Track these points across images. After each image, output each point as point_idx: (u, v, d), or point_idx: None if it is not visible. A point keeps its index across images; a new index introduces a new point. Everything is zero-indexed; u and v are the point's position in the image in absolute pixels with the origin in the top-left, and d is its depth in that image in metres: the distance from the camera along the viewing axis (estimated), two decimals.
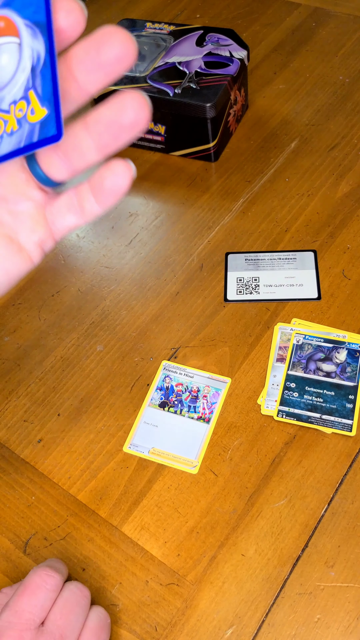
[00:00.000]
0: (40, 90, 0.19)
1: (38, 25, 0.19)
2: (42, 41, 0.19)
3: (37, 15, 0.19)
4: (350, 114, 0.57)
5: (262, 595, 0.32)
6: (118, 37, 0.19)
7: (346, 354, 0.40)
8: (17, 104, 0.20)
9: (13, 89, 0.20)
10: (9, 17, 0.20)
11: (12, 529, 0.36)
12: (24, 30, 0.19)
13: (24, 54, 0.20)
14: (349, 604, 0.32)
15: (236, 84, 0.54)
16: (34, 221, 0.23)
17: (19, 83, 0.20)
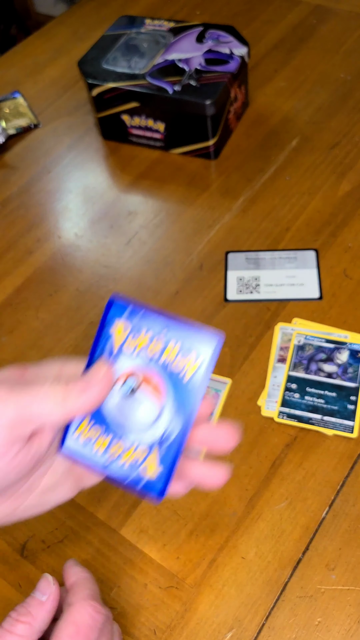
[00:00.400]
0: (161, 454, 0.23)
1: (184, 412, 0.23)
2: (180, 424, 0.23)
3: (185, 404, 0.23)
4: (352, 111, 0.57)
5: (263, 598, 0.32)
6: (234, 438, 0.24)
7: (348, 354, 0.40)
8: (139, 448, 0.23)
9: (141, 434, 0.24)
10: (163, 384, 0.23)
11: (10, 532, 0.36)
12: (169, 404, 0.23)
13: (161, 419, 0.23)
14: (350, 607, 0.31)
15: (236, 82, 0.53)
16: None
17: (148, 435, 0.23)
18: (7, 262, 0.50)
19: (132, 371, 0.24)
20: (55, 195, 0.54)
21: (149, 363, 0.23)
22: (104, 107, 0.55)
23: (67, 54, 0.69)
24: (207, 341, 0.23)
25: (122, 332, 0.24)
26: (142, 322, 0.23)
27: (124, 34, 0.57)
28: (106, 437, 0.24)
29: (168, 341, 0.23)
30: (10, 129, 0.60)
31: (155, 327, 0.23)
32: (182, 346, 0.23)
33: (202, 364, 0.23)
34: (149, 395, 0.23)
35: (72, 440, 0.24)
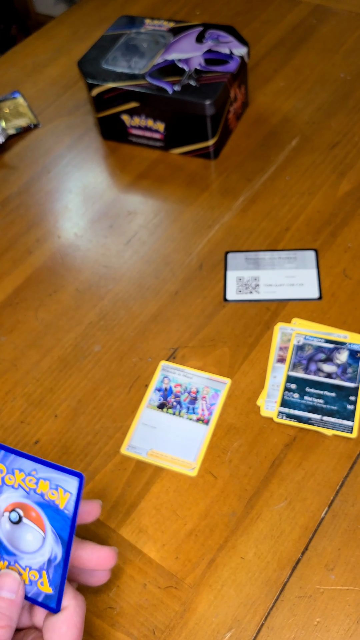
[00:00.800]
0: (51, 576, 0.27)
1: (61, 538, 0.27)
2: (61, 549, 0.27)
3: (62, 532, 0.27)
4: (352, 111, 0.57)
5: (262, 598, 0.32)
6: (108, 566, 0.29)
7: (347, 354, 0.40)
8: (32, 570, 0.28)
9: (31, 559, 0.28)
10: (40, 515, 0.28)
11: None
12: (49, 532, 0.27)
13: (45, 546, 0.28)
14: (349, 607, 0.31)
15: (236, 82, 0.53)
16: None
17: (37, 560, 0.28)
18: (7, 261, 0.50)
19: (16, 502, 0.28)
20: (54, 195, 0.54)
21: (28, 496, 0.28)
22: (103, 107, 0.55)
23: (67, 54, 0.69)
24: (70, 480, 0.27)
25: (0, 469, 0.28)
26: (14, 463, 0.28)
27: (123, 34, 0.57)
28: (2, 562, 0.28)
29: (38, 480, 0.28)
30: (10, 129, 0.60)
31: (25, 467, 0.28)
32: (50, 484, 0.27)
33: (70, 497, 0.27)
34: (32, 525, 0.28)
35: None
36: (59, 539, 0.27)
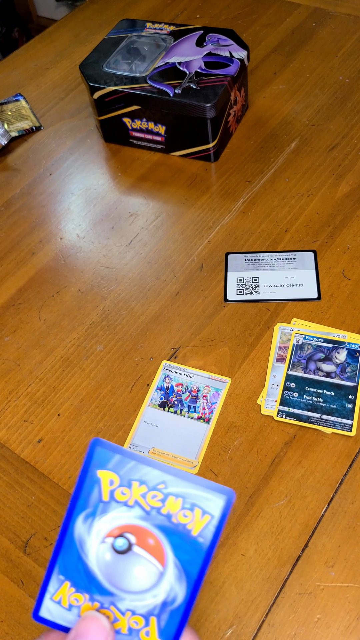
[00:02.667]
0: (162, 624, 0.20)
1: (188, 575, 0.20)
2: (184, 589, 0.20)
3: (191, 566, 0.20)
4: (350, 114, 0.57)
5: (262, 595, 0.32)
6: None
7: (346, 354, 0.40)
8: (135, 615, 0.20)
9: (136, 601, 0.20)
10: (161, 543, 0.20)
11: (12, 529, 0.36)
12: (171, 566, 0.20)
13: (162, 585, 0.20)
14: (349, 604, 0.32)
15: (236, 84, 0.54)
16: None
17: (145, 602, 0.20)
18: (10, 263, 0.50)
19: (127, 525, 0.20)
20: (57, 197, 0.55)
21: (147, 517, 0.20)
22: (105, 110, 0.55)
23: (68, 57, 0.70)
24: (214, 499, 0.20)
25: (110, 480, 0.21)
26: (132, 473, 0.21)
27: (125, 37, 0.58)
28: (92, 605, 0.21)
29: (167, 497, 0.20)
30: (12, 132, 0.61)
31: (149, 478, 0.20)
32: (183, 503, 0.20)
33: (209, 522, 0.20)
34: (146, 556, 0.20)
35: (50, 605, 0.21)
36: (183, 575, 0.20)
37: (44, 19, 1.63)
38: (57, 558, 0.21)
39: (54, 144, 0.60)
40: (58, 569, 0.21)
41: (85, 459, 0.21)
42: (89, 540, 0.21)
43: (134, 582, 0.20)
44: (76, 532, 0.21)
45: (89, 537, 0.21)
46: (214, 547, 0.20)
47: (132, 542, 0.20)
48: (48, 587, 0.21)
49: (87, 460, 0.21)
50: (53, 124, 0.62)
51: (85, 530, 0.21)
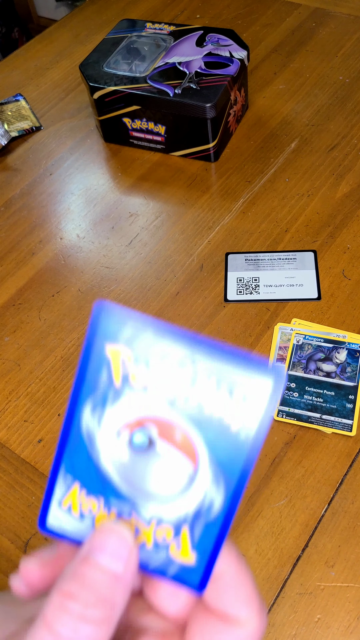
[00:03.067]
0: (196, 536, 0.16)
1: (227, 477, 0.16)
2: (222, 495, 0.16)
3: (231, 467, 0.15)
4: (350, 114, 0.57)
5: (262, 595, 0.32)
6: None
7: (346, 354, 0.40)
8: (162, 525, 0.16)
9: (163, 507, 0.16)
10: (191, 438, 0.16)
11: (13, 529, 0.36)
12: (205, 465, 0.16)
13: (194, 488, 0.16)
14: (350, 603, 0.32)
15: (236, 84, 0.54)
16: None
17: (174, 509, 0.16)
18: (10, 263, 0.50)
19: (147, 416, 0.16)
20: (57, 197, 0.55)
21: (172, 404, 0.15)
22: (105, 110, 0.55)
23: (68, 57, 0.70)
24: (258, 383, 0.15)
25: (122, 359, 0.16)
26: (150, 346, 0.15)
27: (125, 37, 0.58)
28: (109, 514, 0.17)
29: (196, 376, 0.15)
30: (12, 132, 0.61)
31: (173, 354, 0.15)
32: (219, 383, 0.15)
33: (255, 409, 0.15)
34: (172, 453, 0.16)
35: (58, 513, 0.17)
36: (221, 478, 0.16)
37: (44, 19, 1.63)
38: (63, 455, 0.16)
39: (54, 144, 0.60)
40: (64, 468, 0.17)
41: (89, 330, 0.16)
42: (99, 434, 0.16)
43: (159, 484, 0.16)
44: (83, 425, 0.16)
45: (99, 429, 0.16)
46: (260, 443, 0.15)
47: (154, 437, 0.16)
48: (54, 490, 0.17)
49: (90, 333, 0.16)
50: (53, 124, 0.62)
51: (95, 422, 0.16)
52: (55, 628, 0.14)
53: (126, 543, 0.15)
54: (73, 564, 0.15)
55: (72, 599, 0.14)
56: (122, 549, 0.15)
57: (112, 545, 0.15)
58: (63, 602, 0.14)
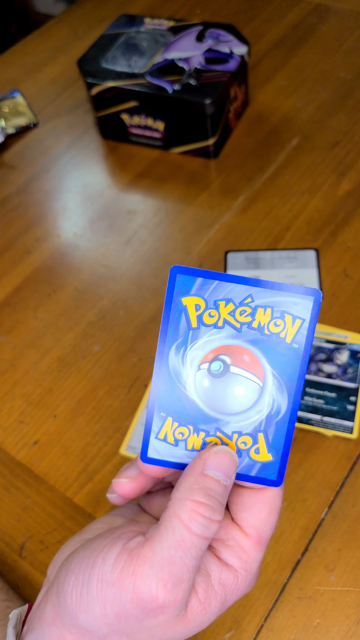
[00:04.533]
0: (270, 438, 0.20)
1: (287, 384, 0.20)
2: (286, 398, 0.20)
3: (289, 374, 0.20)
4: (352, 110, 0.56)
5: (261, 599, 0.32)
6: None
7: (347, 354, 0.39)
8: (242, 436, 0.20)
9: (241, 421, 0.20)
10: (257, 357, 0.20)
11: (8, 532, 0.35)
12: (270, 379, 0.20)
13: (264, 399, 0.20)
14: (349, 608, 0.31)
15: (236, 81, 0.53)
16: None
17: (250, 420, 0.20)
18: (6, 261, 0.50)
19: (219, 347, 0.20)
20: (54, 194, 0.54)
21: (239, 334, 0.20)
22: (103, 106, 0.55)
23: (66, 52, 0.69)
24: (302, 302, 0.20)
25: (196, 305, 0.20)
26: (217, 293, 0.20)
27: (123, 32, 0.57)
28: (198, 436, 0.21)
29: (255, 309, 0.20)
30: (9, 128, 0.60)
31: (235, 295, 0.20)
32: (273, 312, 0.20)
33: (301, 326, 0.20)
34: (244, 374, 0.20)
35: (156, 444, 0.21)
36: (283, 385, 0.20)
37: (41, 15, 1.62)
38: (156, 396, 0.21)
39: (51, 140, 0.59)
40: (158, 407, 0.21)
41: (168, 288, 0.20)
42: (184, 370, 0.20)
43: (236, 402, 0.20)
44: (171, 366, 0.20)
45: (183, 367, 0.20)
46: (309, 350, 0.20)
47: (228, 363, 0.20)
48: (152, 426, 0.21)
49: (169, 290, 0.20)
50: (50, 121, 0.61)
51: (179, 361, 0.20)
52: (191, 527, 0.19)
53: (235, 463, 0.20)
54: (197, 479, 0.20)
55: (202, 506, 0.19)
56: (231, 468, 0.20)
57: (226, 465, 0.20)
58: (196, 508, 0.19)
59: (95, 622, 0.20)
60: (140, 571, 0.19)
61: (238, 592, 0.21)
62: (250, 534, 0.21)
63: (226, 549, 0.21)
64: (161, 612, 0.19)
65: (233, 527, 0.21)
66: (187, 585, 0.19)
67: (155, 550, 0.19)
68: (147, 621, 0.19)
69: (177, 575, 0.19)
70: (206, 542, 0.19)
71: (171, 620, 0.20)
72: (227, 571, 0.21)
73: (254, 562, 0.21)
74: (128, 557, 0.19)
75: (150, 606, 0.19)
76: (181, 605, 0.19)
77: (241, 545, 0.21)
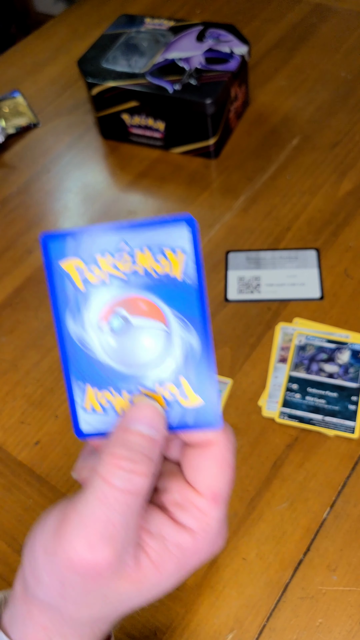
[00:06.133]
0: (194, 379, 0.20)
1: (191, 320, 0.19)
2: (195, 335, 0.19)
3: (191, 311, 0.19)
4: (353, 110, 0.56)
5: (264, 599, 0.32)
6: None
7: (349, 354, 0.39)
8: (165, 385, 0.20)
9: (159, 371, 0.20)
10: (154, 303, 0.19)
11: (10, 532, 0.35)
12: (173, 321, 0.19)
13: (174, 342, 0.19)
14: (352, 608, 0.31)
15: (237, 80, 0.53)
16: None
17: (167, 367, 0.20)
18: (7, 261, 0.50)
19: (113, 302, 0.19)
20: (54, 194, 0.54)
21: (127, 284, 0.19)
22: (103, 106, 0.54)
23: (66, 53, 0.69)
24: (176, 231, 0.19)
25: (77, 267, 0.19)
26: (91, 248, 0.19)
27: (123, 33, 0.57)
28: (123, 398, 0.20)
29: (134, 254, 0.19)
30: (9, 128, 0.60)
31: (109, 245, 0.19)
32: (152, 251, 0.19)
33: (186, 258, 0.19)
34: (146, 323, 0.19)
35: (86, 417, 0.20)
36: (188, 323, 0.19)
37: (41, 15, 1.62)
38: (69, 368, 0.20)
39: (51, 141, 0.59)
40: (74, 377, 0.20)
41: (44, 258, 0.20)
42: (86, 335, 0.20)
43: (147, 353, 0.20)
44: (72, 334, 0.20)
45: (85, 332, 0.20)
46: (202, 282, 0.19)
47: (127, 317, 0.19)
48: (75, 399, 0.20)
49: (46, 259, 0.20)
50: (51, 121, 0.61)
51: (79, 327, 0.20)
52: (111, 481, 0.18)
53: (158, 413, 0.19)
54: (117, 435, 0.19)
55: (122, 458, 0.18)
56: (155, 418, 0.19)
57: (147, 417, 0.19)
58: (115, 461, 0.18)
59: (48, 593, 0.19)
60: (65, 533, 0.18)
61: (200, 553, 0.20)
62: (205, 493, 0.20)
63: (182, 511, 0.20)
64: (96, 574, 0.18)
65: (187, 489, 0.20)
66: (118, 543, 0.18)
67: (77, 510, 0.18)
68: (90, 586, 0.19)
69: (103, 533, 0.18)
70: (133, 497, 0.18)
71: (115, 582, 0.19)
72: (183, 533, 0.19)
73: (213, 521, 0.20)
74: (58, 522, 0.19)
75: (82, 569, 0.18)
76: (116, 565, 0.18)
77: (197, 505, 0.20)
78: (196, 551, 0.20)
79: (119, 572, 0.19)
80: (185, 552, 0.20)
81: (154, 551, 0.19)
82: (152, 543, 0.19)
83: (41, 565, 0.19)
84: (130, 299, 0.19)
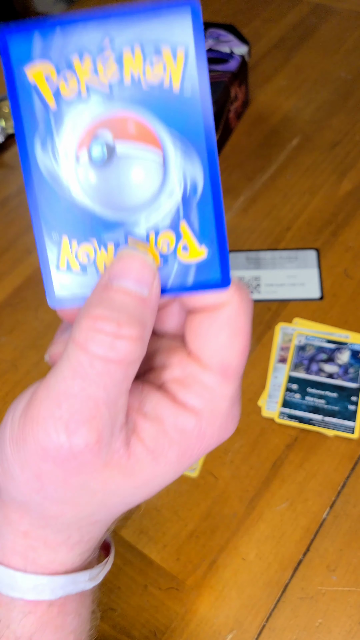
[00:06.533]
0: (196, 225, 0.15)
1: (195, 145, 0.15)
2: (199, 166, 0.15)
3: (194, 133, 0.14)
4: (353, 110, 0.56)
5: (263, 599, 0.32)
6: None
7: (349, 354, 0.39)
8: (161, 234, 0.15)
9: (153, 214, 0.15)
10: (144, 123, 0.14)
11: None
12: (169, 144, 0.15)
13: (171, 175, 0.15)
14: (351, 608, 0.31)
15: (236, 80, 0.53)
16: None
17: (164, 210, 0.15)
18: (7, 261, 0.50)
19: (93, 124, 0.14)
20: None
21: (111, 98, 0.14)
22: None
23: None
24: (176, 20, 0.14)
25: (46, 76, 0.14)
26: (66, 48, 0.14)
27: None
28: (107, 252, 0.15)
29: (120, 56, 0.14)
30: (9, 128, 0.60)
31: (90, 44, 0.14)
32: (144, 51, 0.14)
33: (187, 55, 0.14)
34: (135, 149, 0.15)
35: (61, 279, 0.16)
36: (190, 148, 0.15)
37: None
38: (39, 215, 0.15)
39: None
40: (46, 228, 0.15)
41: (3, 64, 0.14)
42: (60, 169, 0.15)
43: (138, 191, 0.15)
44: (42, 167, 0.15)
45: (58, 164, 0.15)
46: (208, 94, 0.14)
47: (111, 142, 0.14)
48: (47, 257, 0.16)
49: (5, 65, 0.14)
50: None
51: (50, 158, 0.15)
52: (89, 348, 0.14)
53: (147, 265, 0.15)
54: (97, 293, 0.15)
55: (104, 320, 0.14)
56: (144, 271, 0.15)
57: (134, 270, 0.15)
58: (94, 324, 0.14)
59: (24, 491, 0.16)
60: (35, 416, 0.15)
61: (206, 438, 0.16)
62: (212, 366, 0.16)
63: (184, 389, 0.16)
64: (77, 462, 0.15)
65: (190, 362, 0.16)
66: (100, 424, 0.14)
67: (50, 385, 0.15)
68: (72, 478, 0.15)
69: (81, 411, 0.14)
70: (117, 367, 0.14)
71: (102, 473, 0.15)
72: (185, 414, 0.16)
73: (222, 399, 0.16)
74: (26, 404, 0.15)
75: (59, 457, 0.15)
76: (101, 451, 0.15)
77: (202, 381, 0.16)
78: (201, 435, 0.16)
79: (105, 460, 0.15)
80: (187, 437, 0.16)
81: (150, 436, 0.16)
82: (147, 427, 0.16)
83: (11, 458, 0.16)
84: (115, 118, 0.14)
